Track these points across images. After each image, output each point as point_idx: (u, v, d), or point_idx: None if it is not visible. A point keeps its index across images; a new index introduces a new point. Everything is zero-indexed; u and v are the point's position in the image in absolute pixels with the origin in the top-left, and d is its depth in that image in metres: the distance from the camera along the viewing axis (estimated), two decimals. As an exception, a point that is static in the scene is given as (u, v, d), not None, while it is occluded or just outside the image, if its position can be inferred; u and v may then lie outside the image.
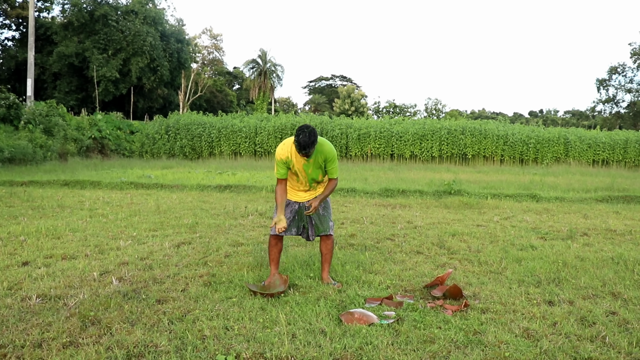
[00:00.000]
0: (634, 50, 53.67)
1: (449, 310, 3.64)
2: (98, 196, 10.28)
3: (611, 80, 55.93)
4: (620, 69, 55.20)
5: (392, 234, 6.62)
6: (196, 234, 6.42)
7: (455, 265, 5.00)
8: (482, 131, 23.68)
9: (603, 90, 56.68)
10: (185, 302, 3.79)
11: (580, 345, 2.99)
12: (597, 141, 24.01)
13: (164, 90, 47.36)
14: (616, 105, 56.64)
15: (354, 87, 63.91)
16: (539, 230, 6.99)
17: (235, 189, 11.71)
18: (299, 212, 4.29)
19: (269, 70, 51.95)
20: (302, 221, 4.30)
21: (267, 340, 3.07)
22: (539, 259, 5.13)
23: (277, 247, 4.32)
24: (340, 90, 63.27)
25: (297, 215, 4.30)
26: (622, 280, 4.37)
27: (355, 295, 3.95)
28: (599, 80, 56.69)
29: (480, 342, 3.07)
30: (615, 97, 56.30)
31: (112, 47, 41.32)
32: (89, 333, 3.17)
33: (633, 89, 54.91)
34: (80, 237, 6.11)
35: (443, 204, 9.83)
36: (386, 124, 24.61)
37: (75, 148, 21.36)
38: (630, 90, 55.12)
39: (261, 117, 25.99)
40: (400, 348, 2.99)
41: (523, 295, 4.00)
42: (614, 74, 55.53)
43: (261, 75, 51.23)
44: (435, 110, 66.84)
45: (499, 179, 15.01)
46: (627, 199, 10.54)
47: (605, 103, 57.25)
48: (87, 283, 4.22)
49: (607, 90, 56.42)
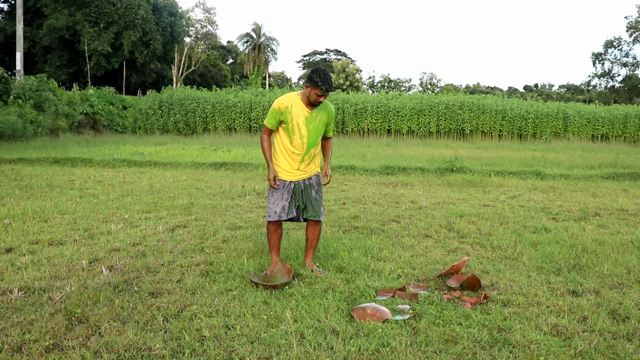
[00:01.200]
0: (630, 24, 53.00)
1: (468, 303, 3.37)
2: (89, 174, 9.95)
3: (607, 54, 55.39)
4: (616, 42, 54.61)
5: (396, 215, 6.33)
6: (191, 216, 6.10)
7: (468, 250, 4.73)
8: (480, 106, 23.29)
9: (599, 64, 56.19)
10: (181, 295, 3.49)
11: (617, 345, 2.73)
12: (597, 116, 23.70)
13: (157, 64, 46.59)
14: (612, 79, 56.25)
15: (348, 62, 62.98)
16: (548, 210, 6.73)
17: (231, 167, 11.37)
18: (295, 191, 3.97)
19: (264, 44, 51.24)
20: (298, 201, 3.97)
21: (273, 342, 2.78)
22: (554, 243, 4.86)
23: (276, 234, 4.01)
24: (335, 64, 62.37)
25: (294, 195, 3.97)
26: (648, 267, 4.12)
27: (365, 286, 3.67)
28: (594, 54, 56.12)
29: (507, 341, 2.80)
30: (611, 71, 55.87)
31: (104, 20, 40.46)
32: (75, 333, 2.87)
33: (629, 63, 54.47)
34: (69, 220, 5.79)
35: (446, 182, 9.55)
36: (383, 98, 24.15)
37: (66, 124, 20.83)
38: (625, 64, 54.67)
39: (256, 92, 25.43)
40: (420, 350, 2.71)
41: (544, 284, 3.74)
42: (610, 48, 54.96)
43: (255, 50, 50.55)
44: (430, 84, 66.30)
45: (499, 155, 14.73)
46: (633, 175, 10.30)
47: (600, 77, 56.81)
48: (74, 273, 3.92)
49: (602, 64, 55.92)
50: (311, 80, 3.69)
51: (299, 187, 3.97)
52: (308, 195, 3.99)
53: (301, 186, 3.97)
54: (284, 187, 3.93)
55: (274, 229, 3.99)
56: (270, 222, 3.96)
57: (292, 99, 3.82)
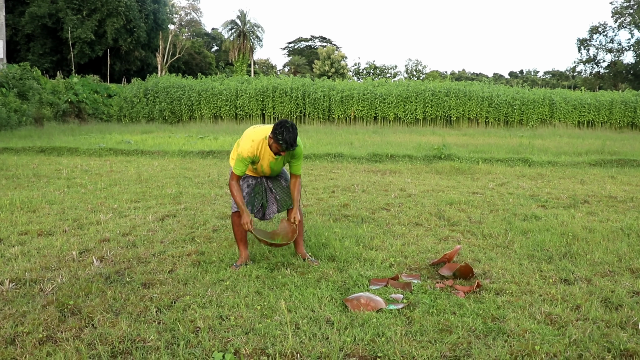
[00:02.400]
0: (615, 9, 53.28)
1: (461, 292, 3.37)
2: (76, 164, 9.84)
3: (592, 40, 55.70)
4: (601, 28, 54.92)
5: (386, 204, 6.31)
6: (181, 205, 6.04)
7: (458, 239, 4.73)
8: (466, 93, 23.34)
9: (584, 50, 56.52)
10: (173, 285, 3.44)
11: (611, 334, 2.74)
12: (583, 102, 23.89)
13: (141, 52, 46.10)
14: (597, 65, 56.66)
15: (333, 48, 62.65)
16: (537, 197, 6.77)
17: (218, 155, 11.31)
18: (256, 188, 3.93)
19: (249, 31, 50.91)
20: (260, 198, 3.94)
21: (267, 332, 2.75)
22: (545, 230, 4.89)
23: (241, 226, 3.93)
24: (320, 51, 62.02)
25: (254, 190, 3.93)
26: (638, 254, 4.15)
27: (357, 275, 3.65)
28: (579, 40, 56.39)
29: (501, 330, 2.80)
30: (596, 57, 56.25)
31: (87, 8, 39.88)
32: (68, 325, 2.82)
33: (614, 49, 54.86)
34: (58, 210, 5.72)
35: (434, 169, 9.56)
36: (369, 85, 24.07)
37: (51, 112, 20.62)
38: (611, 50, 55.06)
39: (242, 80, 25.23)
40: (415, 339, 2.70)
41: (536, 272, 3.75)
42: (595, 34, 55.25)
43: (240, 37, 50.26)
44: (416, 71, 66.28)
45: (486, 142, 14.79)
46: (620, 162, 10.40)
47: (585, 63, 57.19)
48: (65, 264, 3.86)
49: (587, 50, 56.26)
50: (275, 135, 3.54)
51: (261, 186, 3.95)
52: (279, 186, 3.98)
53: (264, 185, 3.96)
54: (245, 180, 3.92)
55: (239, 222, 3.84)
56: (236, 212, 3.85)
57: (259, 146, 3.69)
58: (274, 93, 23.40)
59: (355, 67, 64.75)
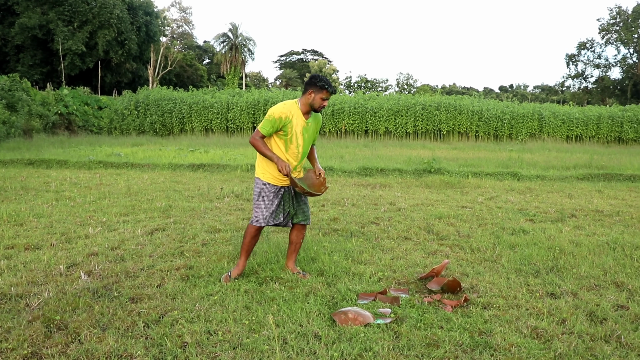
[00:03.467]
0: (602, 26, 54.39)
1: (449, 306, 3.38)
2: (65, 176, 9.78)
3: (580, 56, 56.73)
4: (589, 44, 55.99)
5: (376, 217, 6.34)
6: (170, 219, 6.02)
7: (447, 253, 4.75)
8: (456, 107, 23.53)
9: (572, 66, 57.54)
10: (161, 300, 3.43)
11: (596, 347, 2.76)
12: (571, 117, 24.17)
13: (133, 64, 46.20)
14: (585, 80, 57.62)
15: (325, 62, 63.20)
16: (525, 211, 6.83)
17: (208, 168, 11.30)
18: (284, 197, 3.92)
19: (240, 44, 51.41)
20: (289, 207, 3.93)
21: (255, 347, 2.75)
22: (532, 244, 4.93)
23: (256, 238, 3.95)
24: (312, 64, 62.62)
25: (283, 201, 3.92)
26: (623, 268, 4.20)
27: (346, 290, 3.65)
28: (568, 56, 57.45)
29: (488, 344, 2.81)
30: (584, 72, 57.24)
31: (78, 19, 39.91)
32: (54, 341, 2.80)
33: (601, 65, 55.88)
34: (46, 223, 5.68)
35: (424, 183, 9.62)
36: (360, 99, 24.22)
37: (40, 124, 20.47)
38: (598, 65, 56.08)
39: (233, 93, 25.31)
40: (403, 354, 2.71)
41: (523, 287, 3.78)
42: (583, 49, 56.31)
43: (232, 50, 50.72)
44: (407, 85, 66.88)
45: (476, 156, 14.90)
46: (607, 176, 10.53)
47: (574, 78, 58.16)
48: (52, 278, 3.83)
49: (576, 65, 57.27)
50: (315, 85, 3.67)
51: (289, 193, 3.92)
52: (298, 200, 3.96)
53: (292, 192, 3.93)
54: (275, 193, 3.86)
55: (255, 234, 3.92)
56: (254, 226, 3.88)
57: (292, 108, 3.75)
58: (265, 106, 23.43)
59: (347, 80, 65.25)
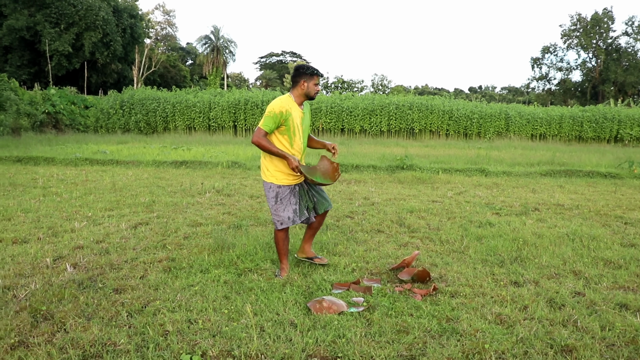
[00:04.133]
0: (564, 32, 56.28)
1: (418, 295, 3.54)
2: (52, 173, 9.82)
3: (544, 59, 58.50)
4: (552, 48, 57.80)
5: (350, 212, 6.49)
6: (153, 214, 6.11)
7: (418, 245, 4.93)
8: (428, 106, 24.01)
9: (537, 68, 59.28)
10: (144, 291, 3.51)
11: (554, 331, 2.96)
12: (535, 117, 24.91)
13: (118, 65, 46.77)
14: (548, 82, 59.43)
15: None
16: (492, 205, 7.08)
17: (191, 165, 11.46)
18: (301, 194, 3.93)
19: (222, 46, 52.50)
20: (307, 202, 3.96)
21: (234, 335, 2.84)
22: (498, 236, 5.15)
23: (287, 240, 3.98)
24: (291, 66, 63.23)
25: (301, 197, 3.93)
26: (581, 257, 4.44)
27: (321, 280, 3.78)
28: (533, 59, 59.17)
29: (454, 330, 2.97)
30: (548, 74, 59.03)
31: (65, 21, 40.16)
32: (40, 330, 2.87)
33: (563, 68, 57.76)
34: (33, 218, 5.73)
35: (397, 179, 9.83)
36: (337, 99, 24.56)
37: (28, 123, 20.62)
38: (561, 68, 57.96)
39: (215, 93, 25.68)
40: (374, 340, 2.84)
41: (489, 276, 3.97)
42: (547, 53, 58.10)
43: (214, 51, 51.85)
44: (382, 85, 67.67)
45: (446, 153, 15.24)
46: (568, 172, 10.95)
47: (538, 80, 59.91)
48: (39, 271, 3.89)
49: (540, 68, 59.03)
50: (305, 74, 3.77)
51: (303, 188, 3.96)
52: (314, 190, 4.01)
53: (305, 186, 3.97)
54: (291, 192, 3.87)
55: (285, 236, 3.94)
56: (282, 230, 3.89)
57: (288, 102, 3.80)
58: (246, 106, 23.81)
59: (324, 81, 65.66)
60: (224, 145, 17.00)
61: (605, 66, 53.28)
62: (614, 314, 3.20)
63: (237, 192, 7.99)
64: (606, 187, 9.29)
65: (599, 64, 54.28)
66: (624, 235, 5.37)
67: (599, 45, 54.52)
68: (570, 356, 2.68)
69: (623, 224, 6.01)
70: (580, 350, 2.72)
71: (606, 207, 7.09)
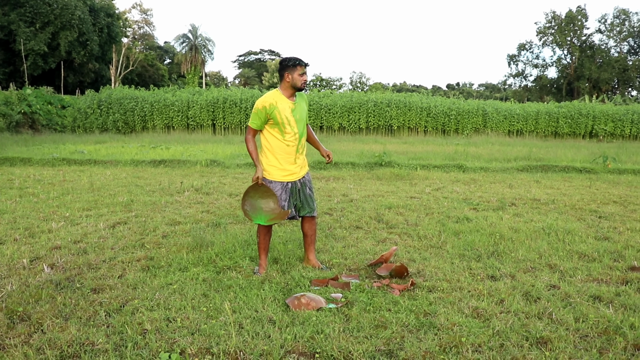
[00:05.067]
0: (539, 29, 57.30)
1: (396, 290, 3.55)
2: (28, 174, 9.64)
3: (520, 56, 59.47)
4: (528, 45, 58.76)
5: (329, 208, 6.49)
6: (132, 213, 6.04)
7: (396, 240, 4.95)
8: (406, 103, 24.18)
9: (513, 65, 60.24)
10: (122, 290, 3.47)
11: (529, 324, 3.00)
12: (512, 113, 25.29)
13: (95, 64, 46.38)
14: (525, 79, 60.42)
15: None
16: (470, 201, 7.16)
17: (169, 164, 11.38)
18: (292, 191, 3.93)
19: (200, 44, 52.60)
20: (296, 200, 3.95)
21: (212, 332, 2.82)
22: (475, 231, 5.21)
23: (268, 235, 3.98)
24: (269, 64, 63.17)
25: (291, 195, 3.92)
26: (556, 251, 4.52)
27: (300, 277, 3.77)
28: (509, 56, 60.11)
29: (432, 324, 2.99)
30: (524, 71, 60.00)
31: (40, 20, 39.44)
32: (17, 332, 2.81)
33: (539, 64, 58.81)
34: (9, 219, 5.63)
35: (375, 176, 9.86)
36: (315, 97, 24.61)
37: (4, 123, 20.23)
38: (536, 65, 58.99)
39: (193, 91, 25.54)
40: (352, 335, 2.84)
41: (466, 270, 4.01)
42: (523, 50, 59.06)
43: (192, 50, 51.90)
44: (360, 83, 68.04)
45: (425, 150, 15.37)
46: (544, 168, 11.14)
47: (515, 77, 60.89)
48: (15, 272, 3.82)
49: (516, 65, 59.98)
50: (288, 66, 3.79)
51: (296, 187, 3.94)
52: (304, 193, 3.99)
53: (298, 185, 3.95)
54: (282, 189, 3.87)
55: (267, 231, 3.94)
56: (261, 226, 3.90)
57: (274, 96, 3.81)
58: (224, 104, 23.75)
59: (301, 78, 65.74)
60: (202, 143, 16.94)
61: (580, 63, 54.37)
62: (587, 306, 3.26)
63: (216, 190, 7.93)
64: (581, 181, 9.48)
65: (574, 61, 55.36)
66: (598, 228, 5.48)
67: (574, 43, 55.61)
68: (545, 348, 2.72)
69: (597, 217, 6.14)
70: (555, 341, 2.76)
71: (581, 201, 7.23)
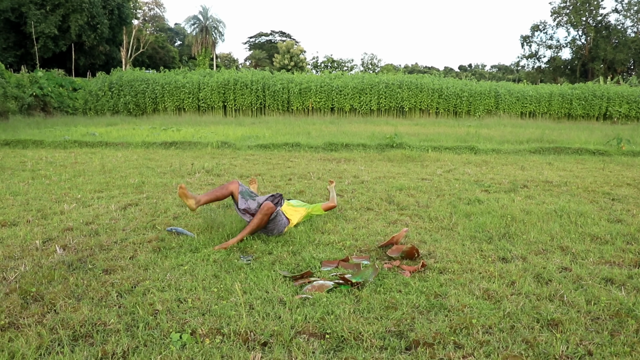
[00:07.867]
0: (553, 9, 56.14)
1: (407, 272, 3.55)
2: (41, 156, 9.74)
3: (534, 37, 58.47)
4: (542, 26, 57.71)
5: (340, 190, 6.48)
6: (143, 195, 6.08)
7: (407, 222, 4.94)
8: (418, 85, 23.96)
9: (526, 46, 59.30)
10: (134, 271, 3.50)
11: (541, 306, 2.98)
12: (525, 94, 24.97)
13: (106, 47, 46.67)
14: (538, 60, 59.51)
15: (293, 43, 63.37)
16: (481, 182, 7.11)
17: (180, 146, 11.42)
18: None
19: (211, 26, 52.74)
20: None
21: (223, 313, 2.84)
22: (487, 213, 5.17)
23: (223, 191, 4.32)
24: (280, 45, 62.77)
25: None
26: (568, 233, 4.48)
27: (310, 258, 3.78)
28: (522, 37, 59.14)
29: (442, 306, 2.99)
30: (538, 52, 59.05)
31: (50, 3, 39.83)
32: (30, 312, 2.85)
33: (553, 45, 57.80)
34: (22, 201, 5.67)
35: (386, 157, 9.82)
36: (326, 78, 24.49)
37: (16, 106, 20.31)
38: (550, 46, 57.96)
39: (204, 73, 25.58)
40: (363, 316, 2.85)
41: (477, 252, 3.99)
42: (536, 31, 58.04)
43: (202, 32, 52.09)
44: (371, 64, 67.47)
45: (436, 132, 15.24)
46: (557, 150, 11.01)
47: (528, 58, 59.97)
48: (29, 253, 3.85)
49: (530, 46, 59.03)
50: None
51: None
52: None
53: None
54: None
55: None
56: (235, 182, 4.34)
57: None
58: (235, 86, 23.76)
59: (314, 60, 65.45)
60: (213, 125, 16.99)
61: (595, 44, 53.32)
62: (599, 289, 3.24)
63: (227, 172, 7.95)
64: (594, 164, 9.36)
65: (589, 42, 54.31)
66: (610, 211, 5.42)
67: (589, 23, 54.47)
68: (556, 330, 2.71)
69: (610, 200, 6.07)
70: (566, 324, 2.75)
71: (594, 183, 7.14)
